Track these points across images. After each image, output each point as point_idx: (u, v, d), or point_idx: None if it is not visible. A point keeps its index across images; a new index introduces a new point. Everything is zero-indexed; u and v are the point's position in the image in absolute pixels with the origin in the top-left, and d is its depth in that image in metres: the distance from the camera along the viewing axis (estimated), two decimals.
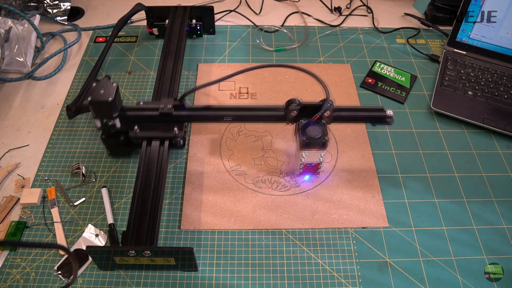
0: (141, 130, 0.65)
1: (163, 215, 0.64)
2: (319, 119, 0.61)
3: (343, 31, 0.97)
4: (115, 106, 0.61)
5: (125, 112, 0.64)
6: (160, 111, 0.64)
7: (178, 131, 0.65)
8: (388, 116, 0.64)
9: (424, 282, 0.58)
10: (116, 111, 0.61)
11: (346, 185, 0.68)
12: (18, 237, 0.61)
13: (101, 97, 0.59)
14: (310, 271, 0.59)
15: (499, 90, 0.80)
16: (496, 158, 0.73)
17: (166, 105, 0.64)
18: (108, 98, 0.59)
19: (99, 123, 0.63)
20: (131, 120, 0.65)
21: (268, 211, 0.65)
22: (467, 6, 0.85)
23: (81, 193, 0.67)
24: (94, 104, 0.59)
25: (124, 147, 0.69)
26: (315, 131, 0.60)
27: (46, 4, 0.97)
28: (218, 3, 1.05)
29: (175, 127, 0.65)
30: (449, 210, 0.66)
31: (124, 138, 0.67)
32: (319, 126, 0.61)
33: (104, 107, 0.60)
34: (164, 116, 0.64)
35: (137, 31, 0.96)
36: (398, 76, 0.86)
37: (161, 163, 0.62)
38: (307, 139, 0.60)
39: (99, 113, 0.61)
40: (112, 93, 0.59)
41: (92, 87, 0.60)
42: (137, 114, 0.65)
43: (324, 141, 0.60)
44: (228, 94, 0.81)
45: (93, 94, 0.59)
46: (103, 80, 0.61)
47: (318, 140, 0.60)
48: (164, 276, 0.58)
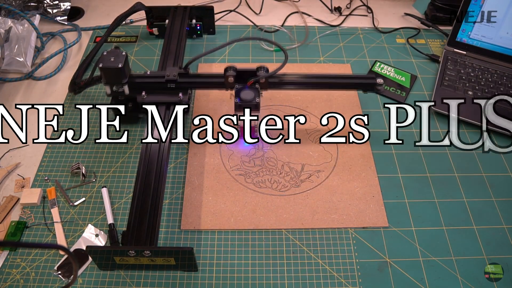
0: (148, 96, 0.69)
1: (163, 215, 0.64)
2: (253, 84, 0.67)
3: (343, 31, 0.97)
4: (125, 72, 0.66)
5: (134, 79, 0.69)
6: (166, 78, 0.69)
7: (183, 96, 0.69)
8: (379, 84, 0.68)
9: (424, 282, 0.58)
10: (125, 77, 0.66)
11: (346, 185, 0.68)
12: (18, 237, 0.61)
13: (111, 64, 0.64)
14: (310, 271, 0.59)
15: (499, 90, 0.80)
16: (496, 158, 0.73)
17: (172, 73, 0.69)
18: (118, 64, 0.64)
19: (109, 90, 0.68)
20: (139, 87, 0.69)
21: (268, 211, 0.65)
22: (467, 6, 0.85)
23: (81, 193, 0.67)
24: (105, 71, 0.64)
25: (132, 112, 0.73)
26: (248, 95, 0.66)
27: (46, 4, 0.97)
28: (218, 3, 1.05)
29: (180, 93, 0.69)
30: (449, 210, 0.66)
31: (132, 105, 0.72)
32: (252, 90, 0.66)
33: (114, 73, 0.65)
34: (170, 82, 0.69)
35: (137, 31, 0.96)
36: (398, 76, 0.86)
37: (161, 163, 0.62)
38: (240, 101, 0.65)
39: (109, 79, 0.66)
40: (122, 60, 0.64)
41: (103, 55, 0.65)
42: (144, 81, 0.70)
43: (255, 103, 0.65)
44: (228, 94, 0.81)
45: (104, 61, 0.64)
46: (113, 50, 0.66)
47: (250, 103, 0.65)
48: (164, 276, 0.58)
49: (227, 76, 0.67)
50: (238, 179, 0.68)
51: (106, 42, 0.89)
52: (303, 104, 0.79)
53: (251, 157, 0.71)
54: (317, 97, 0.81)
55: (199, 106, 0.79)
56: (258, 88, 0.67)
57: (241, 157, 0.71)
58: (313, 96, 0.81)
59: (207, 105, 0.79)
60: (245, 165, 0.70)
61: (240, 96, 0.66)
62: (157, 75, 0.70)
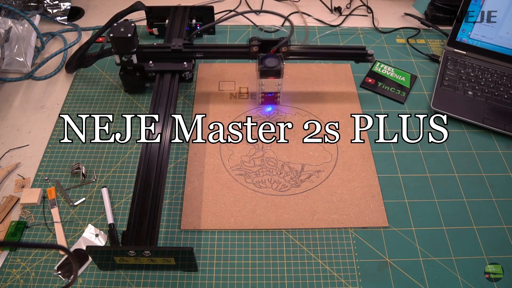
0: (155, 65, 0.75)
1: (163, 215, 0.64)
2: (276, 52, 0.72)
3: (343, 31, 0.97)
4: (133, 42, 0.71)
5: (142, 49, 0.74)
6: (171, 48, 0.74)
7: (187, 64, 0.75)
8: (369, 54, 0.74)
9: (424, 282, 0.58)
10: (134, 47, 0.72)
11: (346, 185, 0.68)
12: (18, 237, 0.61)
13: (121, 33, 0.69)
14: (310, 271, 0.59)
15: (499, 90, 0.80)
16: (496, 158, 0.73)
17: (177, 43, 0.75)
18: (128, 34, 0.69)
19: (118, 59, 0.73)
20: (147, 57, 0.75)
21: (268, 211, 0.65)
22: (467, 6, 0.85)
23: (81, 193, 0.67)
24: (115, 40, 0.69)
25: (140, 81, 0.78)
26: (271, 62, 0.70)
27: (46, 4, 0.97)
28: (218, 3, 1.05)
29: (184, 61, 0.75)
30: (449, 210, 0.66)
31: (139, 75, 0.77)
32: (275, 58, 0.71)
33: (124, 42, 0.70)
34: (175, 52, 0.75)
35: (137, 31, 0.95)
36: (398, 76, 0.86)
37: (161, 163, 0.62)
38: (264, 67, 0.70)
39: (119, 48, 0.71)
40: (131, 30, 0.69)
41: (113, 26, 0.70)
42: (151, 51, 0.75)
43: (278, 69, 0.70)
44: (228, 94, 0.81)
45: (115, 31, 0.69)
46: (123, 22, 0.72)
47: (274, 69, 0.70)
48: (164, 276, 0.58)
49: (252, 45, 0.73)
50: (238, 179, 0.68)
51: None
52: (303, 104, 0.79)
53: (251, 157, 0.71)
54: (317, 97, 0.81)
55: (199, 105, 0.79)
56: (281, 55, 0.71)
57: (241, 157, 0.71)
58: (314, 96, 0.81)
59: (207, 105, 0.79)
60: (245, 165, 0.70)
61: (264, 63, 0.70)
62: (163, 45, 0.76)
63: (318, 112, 0.78)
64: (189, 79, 0.77)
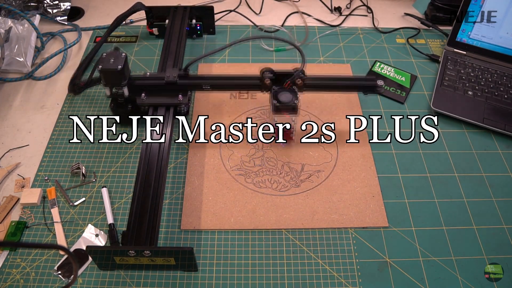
0: (148, 98, 0.69)
1: (163, 215, 0.64)
2: (290, 86, 0.67)
3: (343, 31, 0.97)
4: (124, 75, 0.65)
5: (133, 81, 0.69)
6: (165, 80, 0.69)
7: (183, 98, 0.70)
8: (379, 86, 0.69)
9: (424, 282, 0.58)
10: (125, 79, 0.66)
11: (346, 185, 0.68)
12: (18, 237, 0.61)
13: (111, 65, 0.64)
14: (310, 271, 0.59)
15: (499, 90, 0.80)
16: (496, 158, 0.73)
17: (172, 75, 0.69)
18: (118, 66, 0.63)
19: (108, 92, 0.68)
20: (139, 88, 0.69)
21: (268, 211, 0.65)
22: (467, 6, 0.85)
23: (81, 193, 0.67)
24: (104, 73, 0.64)
25: (132, 114, 0.73)
26: (286, 97, 0.65)
27: (46, 4, 0.97)
28: (218, 3, 1.05)
29: (179, 94, 0.70)
30: (449, 210, 0.66)
31: (131, 107, 0.72)
32: (290, 92, 0.66)
33: (113, 75, 0.64)
34: (169, 84, 0.69)
35: (137, 31, 0.96)
36: (398, 76, 0.86)
37: (161, 163, 0.62)
38: (278, 103, 0.65)
39: (108, 81, 0.66)
40: (121, 62, 0.64)
41: (102, 57, 0.65)
42: (144, 83, 0.70)
43: (293, 105, 0.65)
44: (228, 94, 0.81)
45: (104, 63, 0.64)
46: (113, 51, 0.66)
47: (289, 105, 0.65)
48: (164, 276, 0.58)
49: (264, 78, 0.67)
50: (238, 179, 0.68)
51: (106, 42, 0.89)
52: (303, 104, 0.79)
53: (251, 157, 0.71)
54: (318, 97, 0.81)
55: (199, 106, 0.79)
56: (295, 90, 0.67)
57: (241, 157, 0.71)
58: (313, 97, 0.81)
59: (207, 105, 0.79)
60: (245, 165, 0.70)
61: (278, 98, 0.66)
62: (157, 77, 0.70)
63: (318, 112, 0.78)
64: (185, 112, 0.74)
